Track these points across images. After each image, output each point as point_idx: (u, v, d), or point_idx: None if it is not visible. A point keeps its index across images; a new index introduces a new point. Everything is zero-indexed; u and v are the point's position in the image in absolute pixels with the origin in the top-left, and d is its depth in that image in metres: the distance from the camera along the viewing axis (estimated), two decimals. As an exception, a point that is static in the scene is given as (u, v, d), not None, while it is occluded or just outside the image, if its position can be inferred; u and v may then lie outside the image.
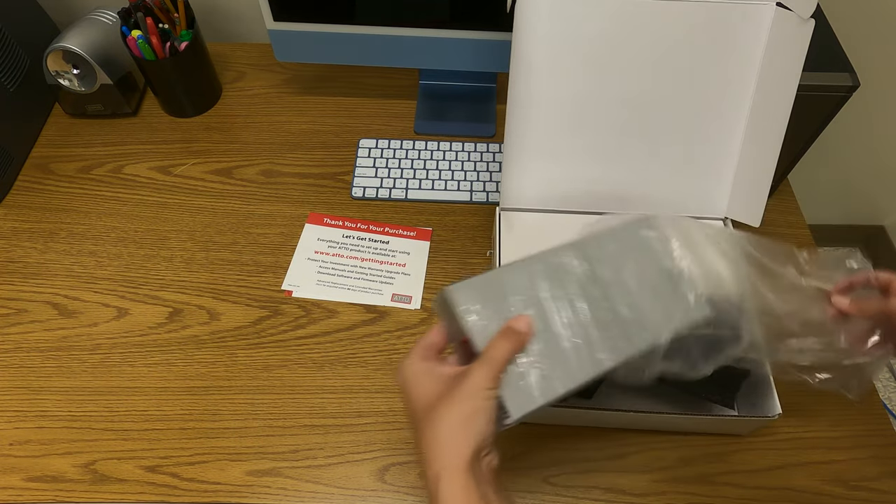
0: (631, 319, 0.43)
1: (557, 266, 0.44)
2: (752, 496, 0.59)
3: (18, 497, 0.58)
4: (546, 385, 0.39)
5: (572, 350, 0.41)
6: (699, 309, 0.46)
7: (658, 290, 0.46)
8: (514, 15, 0.57)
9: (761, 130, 0.62)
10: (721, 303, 0.55)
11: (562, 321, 0.41)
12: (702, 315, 0.46)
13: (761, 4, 0.57)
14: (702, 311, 0.46)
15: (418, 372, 0.40)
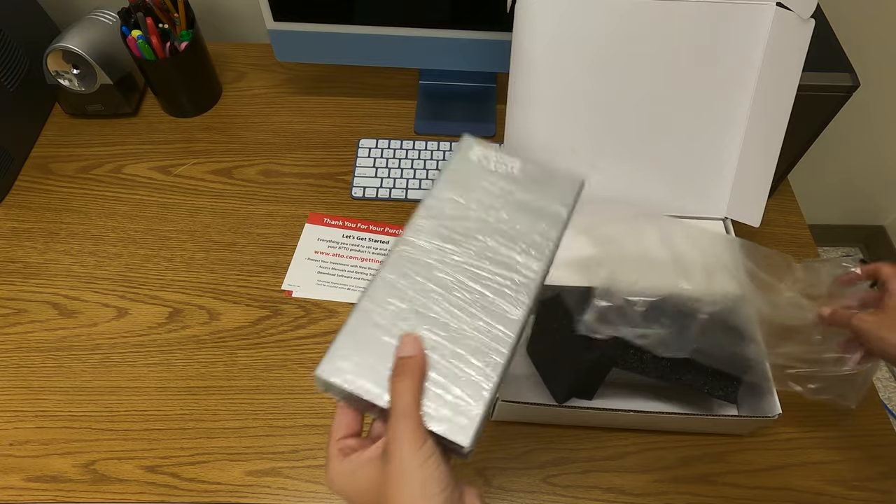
0: (511, 260, 0.38)
1: (401, 257, 0.39)
2: (752, 496, 0.59)
3: (18, 497, 0.58)
4: (473, 388, 0.34)
5: (475, 332, 0.35)
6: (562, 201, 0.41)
7: (520, 211, 0.41)
8: (514, 15, 0.58)
9: (761, 130, 0.62)
10: (720, 301, 0.55)
11: (446, 309, 0.36)
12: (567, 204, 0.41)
13: (761, 4, 0.57)
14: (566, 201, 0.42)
15: (344, 474, 0.34)
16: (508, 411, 0.58)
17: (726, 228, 0.66)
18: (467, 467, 0.59)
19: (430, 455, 0.31)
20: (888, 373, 1.41)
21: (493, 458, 0.60)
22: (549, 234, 0.40)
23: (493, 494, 0.58)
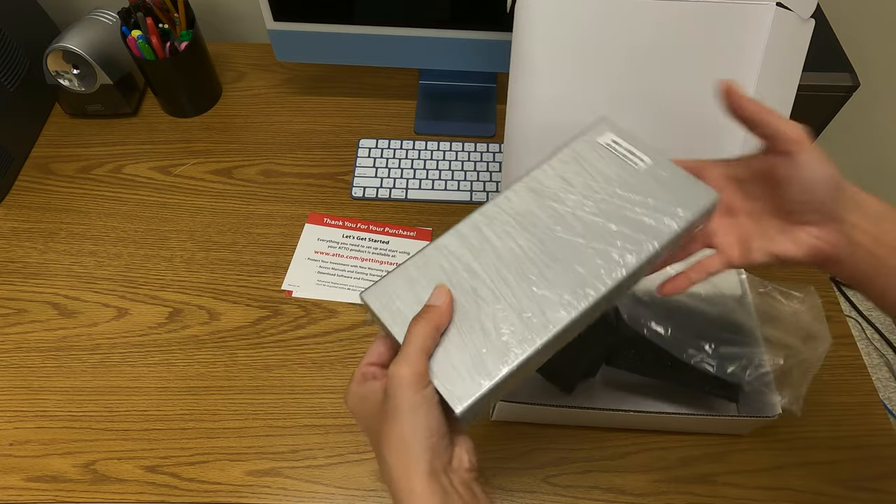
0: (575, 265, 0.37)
1: (485, 215, 0.39)
2: (752, 496, 0.59)
3: (18, 497, 0.58)
4: (491, 363, 0.34)
5: (519, 313, 0.35)
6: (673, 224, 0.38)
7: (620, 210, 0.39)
8: (514, 15, 0.58)
9: (761, 130, 0.61)
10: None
11: (502, 279, 0.36)
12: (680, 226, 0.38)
13: (761, 4, 0.57)
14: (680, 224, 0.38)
15: (356, 396, 0.36)
16: (508, 411, 0.58)
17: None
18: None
19: (423, 402, 0.32)
20: (888, 373, 1.41)
21: (493, 458, 0.60)
22: (641, 246, 0.37)
23: (493, 494, 0.58)
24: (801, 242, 0.39)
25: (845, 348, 0.68)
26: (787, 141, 0.37)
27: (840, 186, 0.38)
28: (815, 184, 0.38)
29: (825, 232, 0.39)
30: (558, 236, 0.38)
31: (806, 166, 0.37)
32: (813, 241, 0.39)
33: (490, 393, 0.34)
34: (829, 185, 0.38)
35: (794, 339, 0.57)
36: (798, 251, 0.40)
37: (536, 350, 0.34)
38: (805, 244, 0.39)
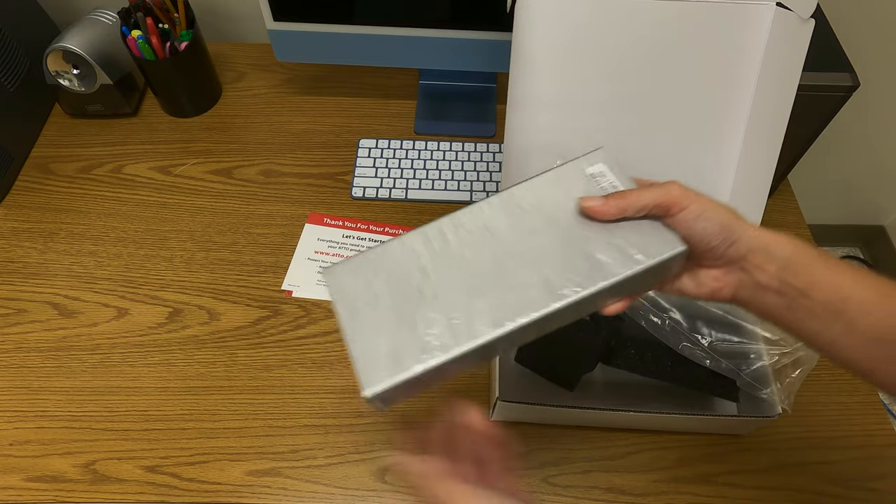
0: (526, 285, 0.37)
1: (440, 229, 0.40)
2: (752, 496, 0.59)
3: (18, 497, 0.58)
4: (401, 357, 0.35)
5: (439, 322, 0.36)
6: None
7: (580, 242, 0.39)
8: (514, 15, 0.57)
9: (761, 130, 0.61)
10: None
11: (435, 289, 0.37)
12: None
13: (761, 4, 0.57)
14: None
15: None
16: (508, 411, 0.58)
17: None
18: (467, 467, 0.59)
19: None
20: (888, 373, 1.41)
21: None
22: (585, 284, 0.37)
23: (493, 494, 0.58)
24: (701, 284, 0.41)
25: (845, 348, 0.68)
26: (665, 207, 0.39)
27: (733, 233, 0.38)
28: (706, 236, 0.38)
29: (725, 274, 0.40)
30: (512, 256, 0.38)
31: (691, 222, 0.38)
32: (712, 283, 0.40)
33: (401, 387, 0.34)
34: (721, 235, 0.38)
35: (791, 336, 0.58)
36: (699, 291, 0.41)
37: (453, 358, 0.35)
38: (705, 286, 0.41)
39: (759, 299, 0.39)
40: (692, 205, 0.39)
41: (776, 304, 0.39)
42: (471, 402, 0.64)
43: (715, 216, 0.39)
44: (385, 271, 0.39)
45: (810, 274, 0.37)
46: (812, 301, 0.37)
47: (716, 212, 0.39)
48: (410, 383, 0.35)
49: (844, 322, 0.36)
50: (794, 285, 0.37)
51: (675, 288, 0.42)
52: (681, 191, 0.39)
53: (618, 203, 0.39)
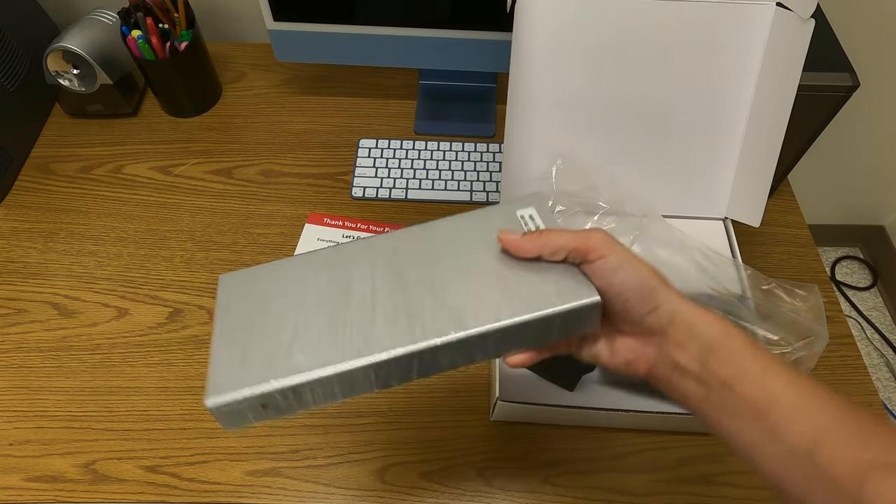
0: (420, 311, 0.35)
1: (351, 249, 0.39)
2: (752, 496, 0.59)
3: (18, 497, 0.58)
4: (253, 375, 0.33)
5: (311, 338, 0.34)
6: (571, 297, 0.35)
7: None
8: (514, 15, 0.58)
9: (761, 130, 0.62)
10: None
11: (319, 306, 0.36)
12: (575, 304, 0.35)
13: (761, 4, 0.57)
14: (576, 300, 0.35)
15: None
16: (508, 411, 0.58)
17: (726, 228, 0.66)
18: (468, 467, 0.59)
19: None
20: (888, 373, 1.41)
21: (493, 458, 0.60)
22: (462, 327, 0.34)
23: (494, 494, 0.58)
24: (616, 352, 0.37)
25: (845, 348, 0.68)
26: (583, 252, 0.35)
27: (654, 296, 0.34)
28: (623, 291, 0.34)
29: (642, 346, 0.36)
30: (407, 289, 0.36)
31: (610, 273, 0.34)
32: (627, 353, 0.37)
33: (247, 403, 0.32)
34: (640, 293, 0.34)
35: (792, 336, 0.58)
36: (612, 360, 0.37)
37: (307, 382, 0.33)
38: (619, 355, 0.37)
39: (677, 383, 0.35)
40: (612, 255, 0.35)
41: (694, 393, 0.34)
42: (471, 401, 0.64)
43: (636, 273, 0.34)
44: (275, 282, 0.38)
45: (736, 364, 0.33)
46: (734, 396, 0.32)
47: (639, 269, 0.35)
48: (258, 402, 0.32)
49: (766, 427, 0.31)
50: (716, 374, 0.33)
51: (591, 353, 0.38)
52: (603, 238, 0.35)
53: (534, 239, 0.36)
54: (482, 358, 0.36)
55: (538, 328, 0.35)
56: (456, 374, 0.65)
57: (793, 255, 0.75)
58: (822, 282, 0.72)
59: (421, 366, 0.35)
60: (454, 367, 0.35)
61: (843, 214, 1.48)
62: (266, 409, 0.33)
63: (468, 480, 0.59)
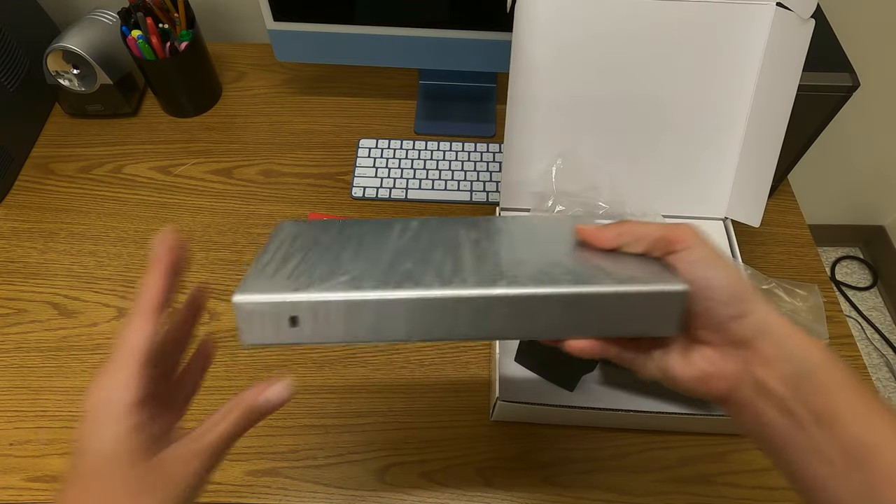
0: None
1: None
2: (752, 496, 0.59)
3: (18, 497, 0.58)
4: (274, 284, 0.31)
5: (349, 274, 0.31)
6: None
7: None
8: (514, 15, 0.57)
9: (761, 130, 0.62)
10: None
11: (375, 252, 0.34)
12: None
13: (761, 4, 0.57)
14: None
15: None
16: (508, 411, 0.58)
17: (726, 229, 0.66)
18: (468, 467, 0.59)
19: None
20: (888, 373, 1.41)
21: (493, 458, 0.60)
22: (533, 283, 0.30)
23: (494, 494, 0.58)
24: (691, 364, 0.32)
25: (845, 348, 0.68)
26: (668, 241, 0.31)
27: (742, 301, 0.30)
28: (708, 288, 0.30)
29: (722, 359, 0.31)
30: (472, 257, 0.34)
31: (694, 264, 0.30)
32: (704, 365, 0.31)
33: (274, 313, 0.30)
34: (727, 293, 0.30)
35: None
36: (686, 373, 0.32)
37: (339, 301, 0.30)
38: (696, 367, 0.32)
39: (758, 409, 0.30)
40: (699, 246, 0.31)
41: (777, 424, 0.29)
42: (471, 401, 0.64)
43: (725, 270, 0.30)
44: (340, 236, 0.36)
45: (837, 399, 0.27)
46: (829, 437, 0.27)
47: (728, 267, 0.31)
48: (287, 311, 0.30)
49: (864, 481, 0.26)
50: (810, 405, 0.28)
51: (662, 364, 0.33)
52: (690, 229, 0.32)
53: (615, 227, 0.33)
54: (540, 334, 0.31)
55: (612, 308, 0.30)
56: (456, 374, 0.65)
57: (793, 255, 0.75)
58: (822, 282, 0.72)
59: (468, 320, 0.30)
60: (504, 337, 0.33)
61: (843, 214, 1.48)
62: (295, 327, 0.30)
63: (468, 480, 0.59)
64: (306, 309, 0.30)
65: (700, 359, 0.32)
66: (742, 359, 0.30)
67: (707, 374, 0.31)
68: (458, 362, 0.66)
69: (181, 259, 0.32)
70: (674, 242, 0.31)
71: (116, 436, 0.28)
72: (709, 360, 0.32)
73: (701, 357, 0.32)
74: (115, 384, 0.29)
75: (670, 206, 0.65)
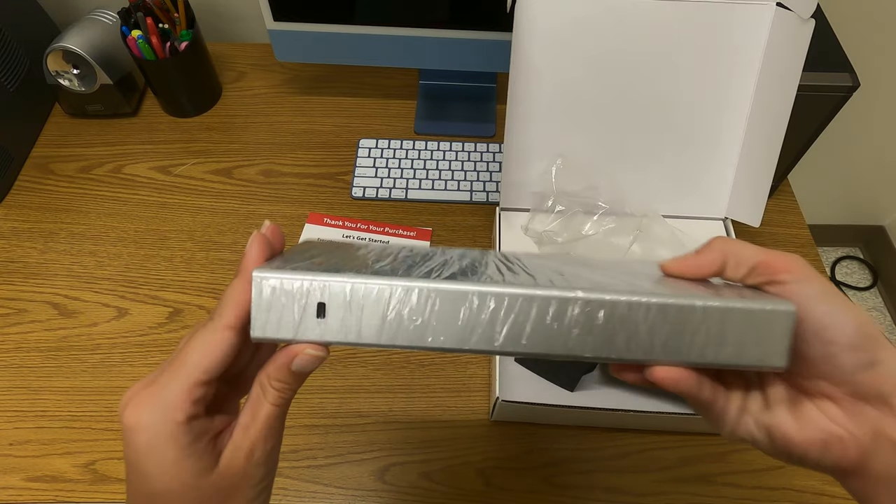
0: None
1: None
2: (752, 496, 0.59)
3: (18, 497, 0.58)
4: (296, 266, 0.26)
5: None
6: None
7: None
8: (514, 15, 0.57)
9: (761, 130, 0.62)
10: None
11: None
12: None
13: (761, 4, 0.57)
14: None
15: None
16: (508, 411, 0.58)
17: (726, 229, 0.66)
18: (468, 467, 0.59)
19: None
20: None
21: (493, 458, 0.60)
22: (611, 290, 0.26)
23: (494, 495, 0.58)
24: (808, 423, 0.26)
25: (845, 348, 0.68)
26: (772, 268, 0.26)
27: (873, 345, 0.24)
28: (828, 329, 0.25)
29: (849, 418, 0.25)
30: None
31: (811, 300, 0.25)
32: (826, 425, 0.25)
33: (294, 288, 0.26)
34: (853, 338, 0.24)
35: None
36: (801, 435, 0.26)
37: (369, 286, 0.25)
38: (815, 428, 0.26)
39: (892, 482, 0.24)
40: (815, 279, 0.26)
41: None
42: (471, 401, 0.64)
43: (849, 309, 0.25)
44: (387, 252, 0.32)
45: None
46: None
47: (851, 306, 0.25)
48: (307, 290, 0.26)
49: None
50: None
51: (764, 420, 0.27)
52: (798, 259, 0.27)
53: (713, 247, 0.28)
54: (621, 353, 0.26)
55: (710, 327, 0.25)
56: (456, 374, 0.65)
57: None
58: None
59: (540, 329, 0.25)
60: (579, 355, 0.25)
61: (843, 214, 1.48)
62: (321, 318, 0.26)
63: (468, 480, 0.59)
64: (340, 293, 0.25)
65: (819, 417, 0.26)
66: (875, 419, 0.25)
67: (831, 438, 0.25)
68: (458, 362, 0.66)
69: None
70: (778, 271, 0.26)
71: (176, 458, 0.26)
72: (832, 419, 0.25)
73: (820, 415, 0.26)
74: (165, 405, 0.26)
75: (670, 205, 0.65)
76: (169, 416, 0.25)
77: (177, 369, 0.26)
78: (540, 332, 0.25)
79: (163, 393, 0.26)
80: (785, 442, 0.26)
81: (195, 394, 0.26)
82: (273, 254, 0.29)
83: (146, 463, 0.26)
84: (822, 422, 0.26)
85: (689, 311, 0.25)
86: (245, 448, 0.27)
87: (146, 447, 0.25)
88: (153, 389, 0.26)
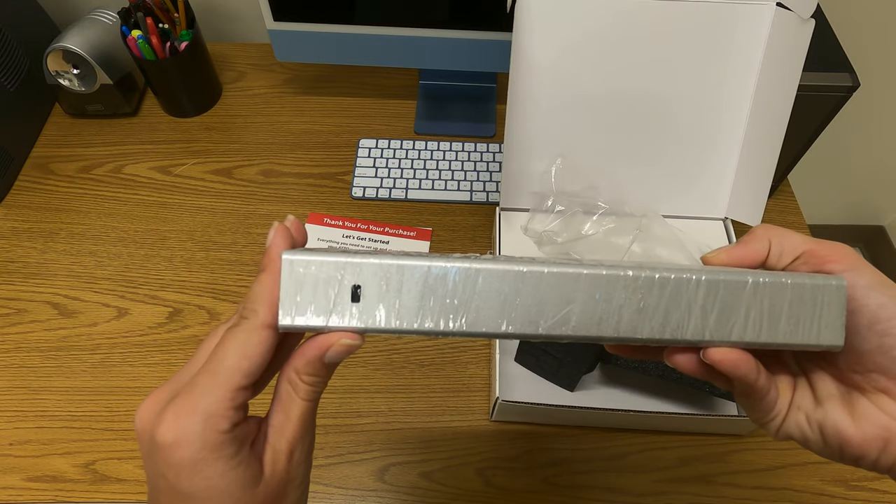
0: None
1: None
2: (752, 496, 0.59)
3: (18, 497, 0.58)
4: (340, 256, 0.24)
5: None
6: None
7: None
8: (514, 15, 0.57)
9: (761, 130, 0.62)
10: None
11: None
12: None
13: (761, 4, 0.57)
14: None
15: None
16: (508, 411, 0.58)
17: (726, 229, 0.66)
18: (468, 467, 0.59)
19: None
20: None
21: (493, 458, 0.60)
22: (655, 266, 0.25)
23: (493, 495, 0.58)
24: (866, 420, 0.25)
25: (845, 348, 0.68)
26: (819, 257, 0.26)
27: None
28: (882, 321, 0.24)
29: None
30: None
31: (861, 289, 0.25)
32: (887, 421, 0.25)
33: (326, 269, 0.24)
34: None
35: None
36: (860, 433, 0.25)
37: (408, 267, 0.24)
38: (874, 424, 0.25)
39: None
40: (865, 269, 0.25)
41: None
42: (471, 401, 0.64)
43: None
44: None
45: None
46: None
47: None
48: (350, 275, 0.24)
49: None
50: None
51: (816, 417, 0.27)
52: (847, 249, 0.26)
53: (759, 234, 0.28)
54: (673, 332, 0.25)
55: (761, 304, 0.25)
56: (456, 374, 0.65)
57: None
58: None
59: (587, 309, 0.24)
60: (628, 338, 0.24)
61: (843, 214, 1.48)
62: (356, 302, 0.24)
63: (468, 480, 0.59)
64: (378, 274, 0.24)
65: (877, 414, 0.25)
66: None
67: (893, 435, 0.24)
68: (458, 362, 0.66)
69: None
70: (827, 261, 0.26)
71: (224, 471, 0.24)
72: (892, 416, 0.24)
73: (878, 412, 0.25)
74: (207, 414, 0.24)
75: (670, 205, 0.66)
76: (212, 425, 0.23)
77: (212, 375, 0.24)
78: (588, 313, 0.24)
79: (202, 402, 0.24)
80: (840, 441, 0.25)
81: (237, 399, 0.24)
82: (295, 248, 0.27)
83: (191, 480, 0.23)
84: (882, 419, 0.25)
85: (740, 286, 0.25)
86: (284, 450, 0.26)
87: (191, 463, 0.23)
88: (190, 400, 0.24)
